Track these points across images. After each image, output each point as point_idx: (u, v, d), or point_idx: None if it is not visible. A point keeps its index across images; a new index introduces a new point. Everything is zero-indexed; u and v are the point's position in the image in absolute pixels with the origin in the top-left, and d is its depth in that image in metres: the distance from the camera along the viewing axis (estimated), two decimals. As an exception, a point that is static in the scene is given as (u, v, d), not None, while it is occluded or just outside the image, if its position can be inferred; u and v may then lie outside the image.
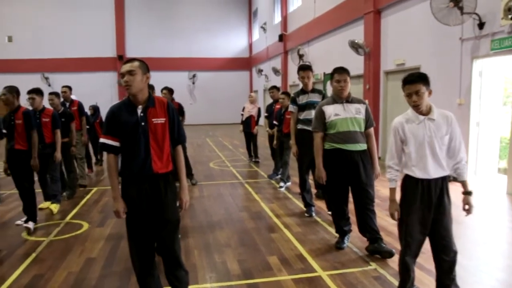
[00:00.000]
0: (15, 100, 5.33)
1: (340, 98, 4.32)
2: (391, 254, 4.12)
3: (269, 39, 21.81)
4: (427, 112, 3.01)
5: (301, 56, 15.65)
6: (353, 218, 4.50)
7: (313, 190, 6.25)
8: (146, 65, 2.95)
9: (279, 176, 8.23)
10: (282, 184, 7.48)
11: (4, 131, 5.28)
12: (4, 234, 4.94)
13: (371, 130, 4.39)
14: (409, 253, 3.10)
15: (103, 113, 10.04)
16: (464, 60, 7.57)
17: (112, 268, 4.10)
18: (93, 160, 10.11)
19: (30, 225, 5.29)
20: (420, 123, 3.00)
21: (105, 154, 9.88)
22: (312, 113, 5.36)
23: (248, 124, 10.15)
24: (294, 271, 3.92)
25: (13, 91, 5.31)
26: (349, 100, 4.33)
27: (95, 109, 10.39)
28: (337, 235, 4.65)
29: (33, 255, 4.51)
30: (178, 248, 2.99)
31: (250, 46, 27.22)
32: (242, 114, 10.35)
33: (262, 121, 10.09)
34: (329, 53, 13.92)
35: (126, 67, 2.85)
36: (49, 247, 4.77)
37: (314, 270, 3.93)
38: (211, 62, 26.53)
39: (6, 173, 5.50)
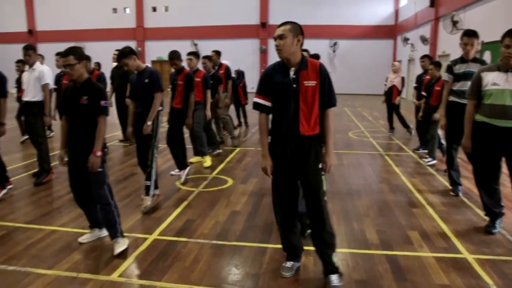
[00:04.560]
0: (180, 62, 5.91)
1: (507, 65, 3.85)
2: None
3: (418, 5, 20.26)
4: None
5: (455, 23, 14.28)
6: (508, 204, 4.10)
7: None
8: (299, 28, 2.93)
9: (422, 150, 7.81)
10: (429, 159, 7.04)
11: (168, 89, 5.88)
12: (161, 182, 5.53)
13: None
14: None
15: (246, 78, 10.59)
16: None
17: (255, 222, 4.38)
18: (235, 122, 10.69)
19: (182, 174, 5.88)
20: None
21: (250, 115, 10.44)
22: (468, 85, 4.92)
23: (390, 95, 9.70)
24: (436, 249, 3.74)
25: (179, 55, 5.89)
26: (519, 70, 3.83)
27: (239, 73, 10.89)
28: (486, 218, 4.27)
29: (185, 202, 5.03)
30: (323, 210, 3.02)
31: (396, 12, 25.60)
32: (385, 85, 9.93)
33: (405, 92, 9.53)
34: (490, 20, 12.43)
35: (277, 31, 2.89)
36: (198, 197, 5.27)
37: (459, 251, 3.70)
38: (353, 29, 25.70)
39: None
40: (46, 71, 5.82)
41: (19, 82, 9.15)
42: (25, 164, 7.03)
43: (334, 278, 3.05)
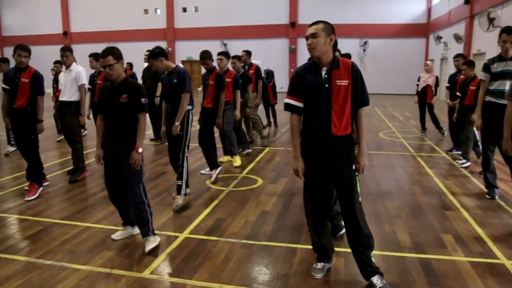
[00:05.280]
0: (212, 62, 5.96)
1: None
2: None
3: (452, 2, 19.78)
4: None
5: (491, 20, 13.83)
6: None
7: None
8: (331, 27, 2.91)
9: (456, 151, 7.63)
10: (464, 161, 6.85)
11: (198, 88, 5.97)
12: (191, 181, 5.58)
13: None
14: None
15: (275, 78, 10.55)
16: None
17: (285, 222, 4.37)
18: (264, 122, 10.69)
19: (213, 173, 5.92)
20: None
21: (279, 115, 10.43)
22: (507, 84, 4.76)
23: (424, 95, 9.51)
24: (471, 254, 3.63)
25: (211, 55, 5.94)
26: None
27: (269, 73, 10.89)
28: (525, 222, 4.13)
29: (216, 201, 5.07)
30: (358, 211, 2.98)
31: (429, 10, 25.04)
32: (417, 85, 9.73)
33: (438, 92, 9.31)
34: (529, 17, 12.02)
35: (310, 30, 2.88)
36: (228, 196, 5.29)
37: (496, 257, 3.57)
38: (384, 28, 25.30)
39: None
40: (82, 71, 5.98)
41: (55, 82, 9.47)
42: (60, 162, 7.23)
43: (376, 279, 2.99)
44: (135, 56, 15.19)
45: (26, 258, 3.55)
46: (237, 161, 6.80)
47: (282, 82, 22.67)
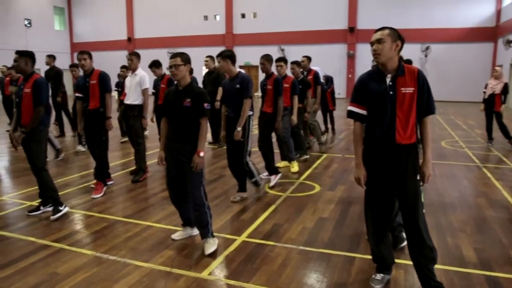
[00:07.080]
0: (270, 66, 6.01)
1: None
2: None
3: (525, 4, 18.67)
4: None
5: None
6: None
7: None
8: (397, 33, 2.85)
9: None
10: None
11: (256, 93, 6.03)
12: (249, 185, 5.55)
13: None
14: None
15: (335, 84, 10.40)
16: None
17: (343, 230, 4.31)
18: (322, 128, 10.58)
19: (273, 178, 5.95)
20: None
21: (337, 121, 10.30)
22: None
23: (491, 102, 9.03)
24: (546, 274, 3.40)
25: (271, 59, 6.02)
26: None
27: (328, 79, 10.79)
28: None
29: (273, 206, 5.09)
30: (422, 223, 2.88)
31: (498, 13, 23.69)
32: (484, 92, 9.26)
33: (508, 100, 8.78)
34: None
35: (375, 36, 2.83)
36: (285, 201, 5.29)
37: None
38: (447, 32, 24.28)
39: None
40: (146, 76, 6.24)
41: (119, 86, 9.93)
42: (123, 162, 7.56)
43: None
44: (195, 61, 15.53)
45: (93, 252, 3.74)
46: (295, 166, 6.79)
47: (339, 88, 22.39)
